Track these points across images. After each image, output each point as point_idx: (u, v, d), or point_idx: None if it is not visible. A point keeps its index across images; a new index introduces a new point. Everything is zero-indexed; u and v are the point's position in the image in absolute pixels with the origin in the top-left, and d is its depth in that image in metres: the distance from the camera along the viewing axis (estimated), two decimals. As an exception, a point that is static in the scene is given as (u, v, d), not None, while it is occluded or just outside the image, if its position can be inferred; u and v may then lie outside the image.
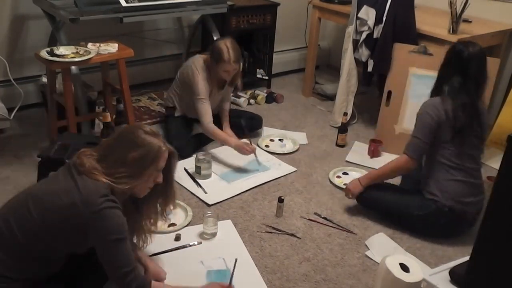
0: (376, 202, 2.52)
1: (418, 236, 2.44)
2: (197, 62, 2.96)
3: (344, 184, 2.71)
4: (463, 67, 2.31)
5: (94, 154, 1.69)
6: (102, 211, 1.58)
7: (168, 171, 1.86)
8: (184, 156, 2.98)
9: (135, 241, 1.96)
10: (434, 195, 2.36)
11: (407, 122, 3.15)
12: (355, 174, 2.89)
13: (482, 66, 2.33)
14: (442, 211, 2.33)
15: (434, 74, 3.02)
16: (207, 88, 2.93)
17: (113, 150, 1.70)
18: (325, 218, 2.55)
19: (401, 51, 3.11)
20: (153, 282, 1.76)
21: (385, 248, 2.34)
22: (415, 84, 3.10)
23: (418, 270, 1.89)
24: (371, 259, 2.28)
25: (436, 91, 2.42)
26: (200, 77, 2.90)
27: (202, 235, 2.33)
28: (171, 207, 2.02)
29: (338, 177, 2.94)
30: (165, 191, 1.91)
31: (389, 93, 3.20)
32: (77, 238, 1.63)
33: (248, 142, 2.92)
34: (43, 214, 1.60)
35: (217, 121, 3.20)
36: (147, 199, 1.87)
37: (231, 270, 2.01)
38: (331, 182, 2.88)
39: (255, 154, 2.93)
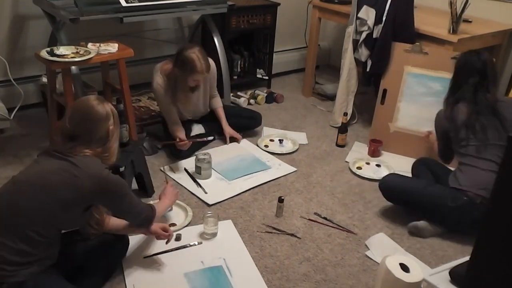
0: (404, 193, 2.49)
1: (423, 237, 2.44)
2: (155, 69, 2.94)
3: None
4: (480, 72, 2.44)
5: (63, 140, 1.78)
6: (108, 177, 1.77)
7: None
8: (183, 156, 2.98)
9: None
10: (465, 186, 2.37)
11: (402, 120, 3.16)
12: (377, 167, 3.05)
13: (494, 68, 2.51)
14: (474, 203, 2.32)
15: (429, 73, 3.04)
16: (165, 95, 2.91)
17: (84, 130, 1.78)
18: (325, 218, 2.55)
19: (396, 50, 3.12)
20: (154, 206, 2.04)
21: (385, 248, 2.34)
22: (410, 83, 3.11)
23: (418, 270, 1.89)
24: (371, 259, 2.28)
25: (451, 99, 2.53)
26: (155, 84, 2.90)
27: (202, 235, 2.33)
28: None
29: (359, 168, 3.03)
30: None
31: (385, 91, 3.20)
32: (80, 209, 1.75)
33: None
34: (49, 192, 1.67)
35: (215, 120, 3.21)
36: None
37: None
38: (351, 171, 3.00)
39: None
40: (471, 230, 2.35)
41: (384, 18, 3.09)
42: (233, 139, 3.20)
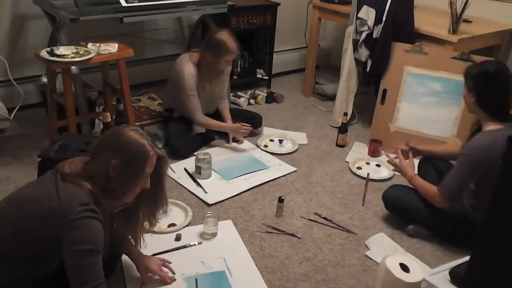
0: (406, 210, 2.44)
1: (424, 238, 2.44)
2: (184, 59, 3.00)
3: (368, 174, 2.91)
4: (493, 86, 2.21)
5: (82, 162, 1.63)
6: (78, 220, 1.50)
7: (158, 177, 1.76)
8: (183, 156, 2.99)
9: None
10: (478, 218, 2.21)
11: (402, 120, 3.16)
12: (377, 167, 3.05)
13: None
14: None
15: (429, 73, 3.03)
16: (195, 83, 2.97)
17: (94, 157, 1.61)
18: (325, 218, 2.55)
19: (396, 50, 3.12)
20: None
21: (385, 248, 2.34)
22: (410, 83, 3.11)
23: (418, 270, 1.89)
24: (371, 259, 2.28)
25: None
26: (186, 74, 2.94)
27: (203, 235, 2.33)
28: (161, 212, 1.93)
29: (359, 168, 3.02)
30: (154, 198, 1.82)
31: (385, 91, 3.20)
32: (52, 246, 1.55)
33: (240, 124, 3.08)
34: (22, 218, 1.55)
35: (221, 121, 3.22)
36: (136, 205, 1.79)
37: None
38: (351, 171, 2.99)
39: (253, 131, 3.16)
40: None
41: (384, 18, 3.09)
42: (234, 140, 3.20)
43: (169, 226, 2.37)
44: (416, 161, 2.65)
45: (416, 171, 2.53)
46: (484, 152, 2.13)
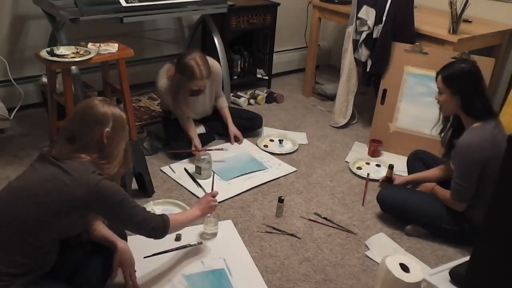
0: (401, 211, 2.46)
1: (424, 238, 2.44)
2: (161, 72, 2.98)
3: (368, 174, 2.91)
4: (479, 83, 2.23)
5: (64, 144, 1.71)
6: (99, 184, 1.64)
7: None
8: (183, 156, 2.98)
9: None
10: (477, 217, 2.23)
11: (402, 120, 3.16)
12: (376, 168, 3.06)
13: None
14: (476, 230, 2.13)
15: (429, 73, 3.02)
16: (170, 97, 2.94)
17: (80, 132, 1.70)
18: (325, 218, 2.55)
19: (396, 50, 3.12)
20: (171, 216, 1.89)
21: (385, 248, 2.34)
22: (410, 83, 3.11)
23: (418, 270, 1.89)
24: (371, 259, 2.28)
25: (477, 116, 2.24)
26: (162, 88, 2.95)
27: (203, 235, 2.33)
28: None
29: (359, 168, 3.03)
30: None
31: (385, 91, 3.21)
32: (74, 217, 1.67)
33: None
34: (37, 201, 1.61)
35: (216, 120, 3.21)
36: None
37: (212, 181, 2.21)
38: (351, 171, 2.99)
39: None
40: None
41: (384, 18, 3.09)
42: (236, 139, 3.20)
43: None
44: (404, 159, 2.78)
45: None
46: (478, 148, 2.16)
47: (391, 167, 2.64)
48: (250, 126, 3.33)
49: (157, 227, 1.82)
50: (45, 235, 1.64)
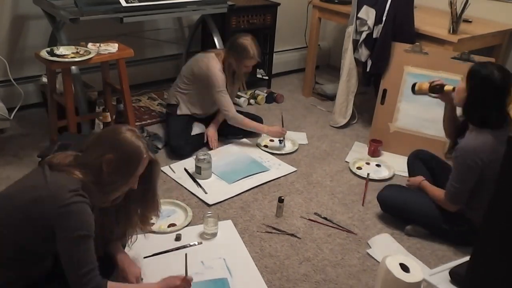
0: (401, 211, 2.46)
1: (424, 238, 2.44)
2: (210, 56, 3.05)
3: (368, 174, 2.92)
4: (492, 96, 2.13)
5: (72, 155, 1.65)
6: (69, 206, 1.50)
7: (150, 180, 1.78)
8: (183, 156, 2.99)
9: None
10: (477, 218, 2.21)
11: (402, 120, 3.16)
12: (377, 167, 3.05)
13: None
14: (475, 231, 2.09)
15: (429, 73, 3.03)
16: (224, 81, 3.03)
17: (90, 149, 1.63)
18: (325, 218, 2.55)
19: (396, 50, 3.12)
20: (109, 283, 1.63)
21: (387, 248, 2.33)
22: (410, 83, 3.09)
23: (418, 270, 1.89)
24: (372, 257, 2.28)
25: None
26: (216, 70, 3.00)
27: (203, 235, 2.33)
28: (153, 217, 1.94)
29: (359, 168, 3.03)
30: (146, 201, 1.84)
31: (385, 91, 3.21)
32: (45, 235, 1.54)
33: (280, 126, 3.18)
34: (10, 212, 1.56)
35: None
36: (127, 206, 1.81)
37: (185, 265, 1.90)
38: (351, 171, 2.99)
39: (284, 137, 3.17)
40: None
41: (384, 18, 3.09)
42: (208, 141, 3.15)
43: (169, 226, 2.37)
44: (404, 159, 2.76)
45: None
46: (477, 152, 2.14)
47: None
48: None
49: (89, 283, 1.56)
50: (23, 246, 1.57)
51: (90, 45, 2.75)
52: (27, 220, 1.53)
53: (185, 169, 2.88)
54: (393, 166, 3.02)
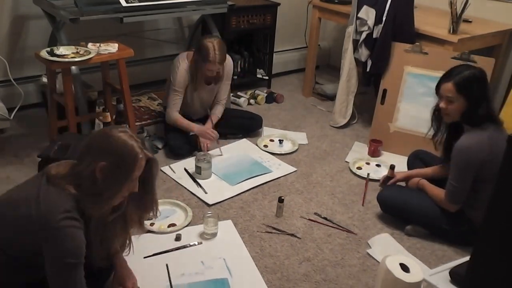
0: (402, 212, 2.46)
1: (424, 238, 2.44)
2: (181, 57, 3.01)
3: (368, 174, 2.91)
4: (488, 89, 2.21)
5: (70, 164, 1.56)
6: (59, 230, 1.43)
7: (147, 180, 1.68)
8: (182, 155, 2.99)
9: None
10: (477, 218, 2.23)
11: (402, 120, 3.16)
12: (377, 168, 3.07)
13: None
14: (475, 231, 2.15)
15: (429, 73, 3.02)
16: (184, 81, 2.97)
17: (81, 157, 1.53)
18: (325, 218, 2.55)
19: (396, 50, 3.12)
20: None
21: (387, 248, 2.33)
22: (410, 83, 3.11)
23: (418, 270, 1.89)
24: (372, 257, 2.28)
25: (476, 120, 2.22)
26: (180, 69, 2.95)
27: (203, 235, 2.33)
28: (151, 217, 1.84)
29: (359, 168, 3.03)
30: (143, 202, 1.74)
31: (385, 91, 3.21)
32: (35, 251, 1.49)
33: (211, 128, 3.03)
34: (3, 223, 1.51)
35: (218, 121, 3.21)
36: (123, 212, 1.72)
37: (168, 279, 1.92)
38: (351, 171, 2.98)
39: (217, 141, 3.03)
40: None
41: (384, 18, 3.09)
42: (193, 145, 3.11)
43: (169, 226, 2.37)
44: (404, 159, 2.79)
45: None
46: (474, 151, 2.16)
47: (392, 167, 2.64)
48: (250, 126, 3.33)
49: None
50: (15, 256, 1.53)
51: (90, 45, 2.75)
52: (18, 234, 1.49)
53: (185, 169, 2.88)
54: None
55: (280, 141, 3.26)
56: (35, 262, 1.53)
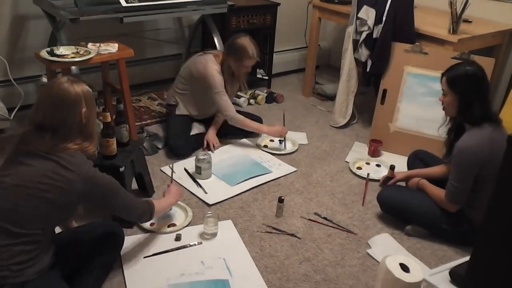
0: (402, 211, 2.46)
1: (424, 238, 2.44)
2: (208, 58, 3.03)
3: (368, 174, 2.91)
4: (483, 88, 2.22)
5: (44, 136, 1.67)
6: (97, 176, 1.74)
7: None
8: (182, 155, 2.99)
9: None
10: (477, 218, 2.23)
11: (402, 120, 3.16)
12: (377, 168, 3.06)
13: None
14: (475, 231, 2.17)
15: (429, 73, 3.02)
16: (223, 82, 3.02)
17: (59, 119, 1.68)
18: (325, 218, 2.55)
19: (396, 50, 3.12)
20: (154, 201, 2.06)
21: (387, 248, 2.34)
22: (410, 83, 3.11)
23: (418, 270, 1.89)
24: (372, 257, 2.28)
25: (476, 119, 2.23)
26: (214, 71, 2.99)
27: (203, 235, 2.33)
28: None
29: (359, 168, 3.03)
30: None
31: (385, 91, 3.21)
32: (74, 207, 1.77)
33: (281, 125, 3.17)
34: (39, 196, 1.62)
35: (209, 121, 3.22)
36: None
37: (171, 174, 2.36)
38: (351, 171, 2.99)
39: (285, 137, 3.17)
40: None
41: (384, 18, 3.09)
42: (207, 146, 3.13)
43: (169, 226, 2.37)
44: (404, 159, 2.80)
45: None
46: (475, 152, 2.15)
47: (392, 167, 2.64)
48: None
49: (145, 213, 1.99)
50: (47, 226, 1.69)
51: (90, 45, 2.75)
52: (56, 202, 1.65)
53: (185, 169, 2.88)
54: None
55: (280, 141, 3.26)
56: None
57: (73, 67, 2.78)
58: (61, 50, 2.65)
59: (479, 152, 2.15)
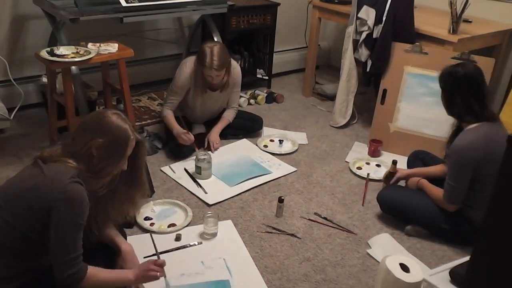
0: (402, 212, 2.46)
1: (424, 238, 2.44)
2: (189, 60, 3.00)
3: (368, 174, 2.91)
4: (476, 87, 2.23)
5: (60, 146, 1.68)
6: (68, 192, 1.54)
7: (137, 160, 1.83)
8: (183, 156, 2.98)
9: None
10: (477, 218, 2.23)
11: (402, 120, 3.17)
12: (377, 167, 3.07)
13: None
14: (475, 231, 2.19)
15: (429, 73, 3.03)
16: (185, 85, 2.97)
17: (75, 136, 1.67)
18: (325, 218, 2.55)
19: (396, 50, 3.12)
20: (90, 268, 1.65)
21: (387, 248, 2.34)
22: (410, 83, 3.11)
23: (418, 270, 1.89)
24: (372, 257, 2.28)
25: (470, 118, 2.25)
26: (183, 72, 2.95)
27: (203, 235, 2.33)
28: (140, 195, 1.95)
29: (359, 168, 3.03)
30: (133, 180, 1.88)
31: (384, 91, 3.21)
32: (44, 221, 1.57)
33: (187, 132, 2.93)
34: (11, 203, 1.59)
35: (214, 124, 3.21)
36: (114, 189, 1.84)
37: (154, 247, 1.96)
38: (351, 171, 2.99)
39: (195, 147, 2.98)
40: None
41: (384, 18, 3.09)
42: (208, 146, 3.11)
43: (169, 226, 2.37)
44: (404, 159, 2.81)
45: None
46: (469, 151, 2.17)
47: (394, 162, 2.64)
48: (251, 127, 3.33)
49: (72, 277, 1.60)
50: (18, 239, 1.59)
51: (90, 45, 2.75)
52: (27, 208, 1.56)
53: (185, 169, 2.88)
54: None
55: (280, 141, 3.26)
56: (43, 242, 1.60)
57: (73, 67, 2.78)
58: (61, 50, 2.65)
59: (473, 151, 2.16)
